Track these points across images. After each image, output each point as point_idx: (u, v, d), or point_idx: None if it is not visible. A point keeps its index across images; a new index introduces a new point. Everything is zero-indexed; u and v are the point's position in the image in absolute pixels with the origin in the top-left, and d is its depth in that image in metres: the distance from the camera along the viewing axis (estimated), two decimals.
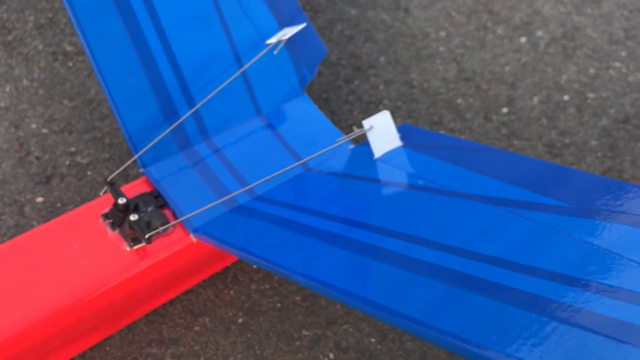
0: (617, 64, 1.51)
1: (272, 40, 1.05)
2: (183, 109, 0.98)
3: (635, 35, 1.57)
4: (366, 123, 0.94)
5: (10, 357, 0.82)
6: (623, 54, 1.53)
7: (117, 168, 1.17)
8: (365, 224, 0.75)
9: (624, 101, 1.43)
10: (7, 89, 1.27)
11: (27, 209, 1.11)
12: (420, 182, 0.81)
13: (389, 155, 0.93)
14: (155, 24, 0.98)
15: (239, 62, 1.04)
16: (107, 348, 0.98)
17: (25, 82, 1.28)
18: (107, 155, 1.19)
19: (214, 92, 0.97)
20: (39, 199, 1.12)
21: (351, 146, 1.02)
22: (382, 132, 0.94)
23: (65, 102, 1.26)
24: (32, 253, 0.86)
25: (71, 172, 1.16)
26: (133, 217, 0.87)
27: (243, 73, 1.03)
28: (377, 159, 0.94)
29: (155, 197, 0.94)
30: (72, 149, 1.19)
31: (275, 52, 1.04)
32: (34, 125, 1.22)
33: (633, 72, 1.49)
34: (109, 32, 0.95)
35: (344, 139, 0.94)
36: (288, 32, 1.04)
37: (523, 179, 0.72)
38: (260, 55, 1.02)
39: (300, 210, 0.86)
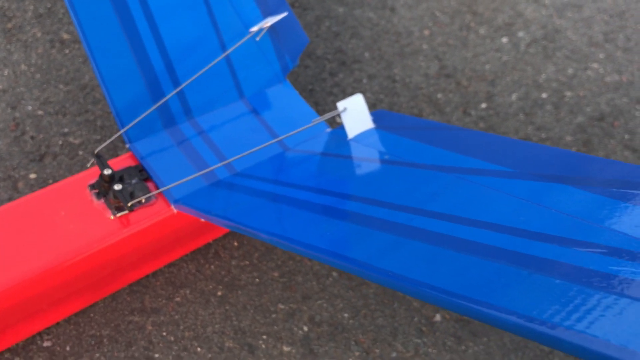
0: (595, 65, 1.56)
1: (255, 28, 1.10)
2: (169, 89, 1.04)
3: (614, 38, 1.63)
4: (340, 105, 1.00)
5: None
6: (601, 55, 1.58)
7: (108, 149, 1.23)
8: (331, 191, 0.80)
9: (600, 100, 1.48)
10: (6, 72, 1.33)
11: (20, 184, 1.17)
12: (386, 157, 0.87)
13: (362, 136, 0.99)
14: (144, 9, 1.04)
15: (224, 48, 1.09)
16: (91, 314, 1.04)
17: (23, 66, 1.34)
18: (99, 137, 1.25)
19: (199, 74, 1.02)
20: (32, 175, 1.18)
21: (329, 129, 1.07)
22: (355, 114, 1.00)
23: (61, 86, 1.32)
24: (22, 217, 0.91)
25: (63, 152, 1.22)
26: (117, 187, 0.93)
27: (227, 58, 1.09)
28: (350, 139, 0.99)
29: (140, 171, 0.99)
30: (65, 130, 1.25)
31: (257, 39, 1.10)
32: (29, 107, 1.28)
33: (610, 73, 1.54)
34: (101, 16, 1.01)
35: (319, 119, 1.00)
36: (270, 21, 1.09)
37: (474, 149, 0.77)
38: (242, 41, 1.07)
39: (276, 183, 0.92)
